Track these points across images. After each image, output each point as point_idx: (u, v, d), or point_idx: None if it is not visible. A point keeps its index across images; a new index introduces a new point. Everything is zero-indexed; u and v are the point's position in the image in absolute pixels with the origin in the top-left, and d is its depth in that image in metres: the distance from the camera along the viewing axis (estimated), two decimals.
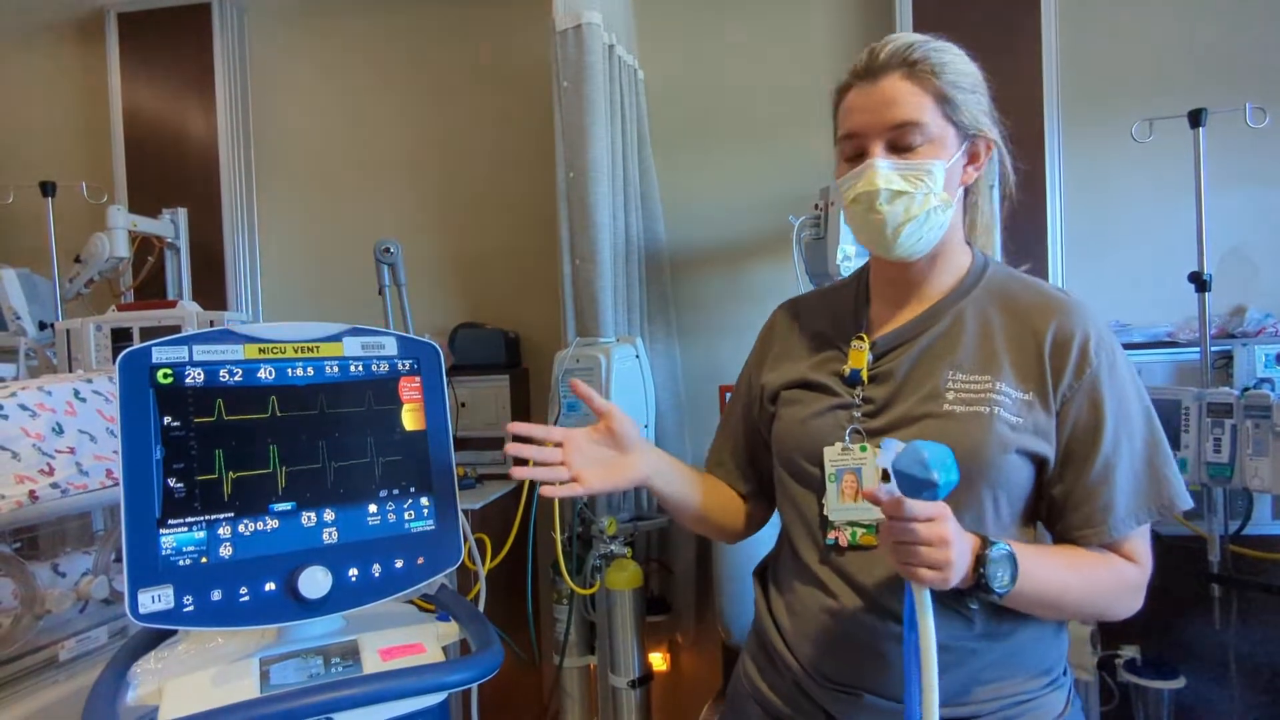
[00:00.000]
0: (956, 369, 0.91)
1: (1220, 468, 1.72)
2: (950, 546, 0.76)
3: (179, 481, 0.91)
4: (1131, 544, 0.90)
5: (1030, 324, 0.92)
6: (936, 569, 0.76)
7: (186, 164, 2.71)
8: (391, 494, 1.02)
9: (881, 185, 0.90)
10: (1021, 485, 0.90)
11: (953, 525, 0.78)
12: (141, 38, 2.74)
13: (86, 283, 2.48)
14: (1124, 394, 0.90)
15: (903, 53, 0.91)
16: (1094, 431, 0.88)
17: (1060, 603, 0.88)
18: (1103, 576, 0.89)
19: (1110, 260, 2.27)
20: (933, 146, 0.91)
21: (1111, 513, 0.88)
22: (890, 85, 0.90)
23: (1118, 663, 1.90)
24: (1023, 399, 0.89)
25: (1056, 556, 0.89)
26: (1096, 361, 0.89)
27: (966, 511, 0.88)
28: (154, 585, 0.88)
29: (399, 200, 2.74)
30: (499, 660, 0.96)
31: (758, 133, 2.44)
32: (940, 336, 0.94)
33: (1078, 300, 0.93)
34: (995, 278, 0.98)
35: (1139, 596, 0.91)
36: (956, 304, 0.96)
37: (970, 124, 0.93)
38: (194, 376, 0.94)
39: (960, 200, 0.97)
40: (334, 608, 0.97)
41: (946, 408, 0.89)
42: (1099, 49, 2.27)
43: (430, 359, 1.08)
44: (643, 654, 1.94)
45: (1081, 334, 0.89)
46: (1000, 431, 0.87)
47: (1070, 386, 0.89)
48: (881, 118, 0.91)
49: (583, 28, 1.94)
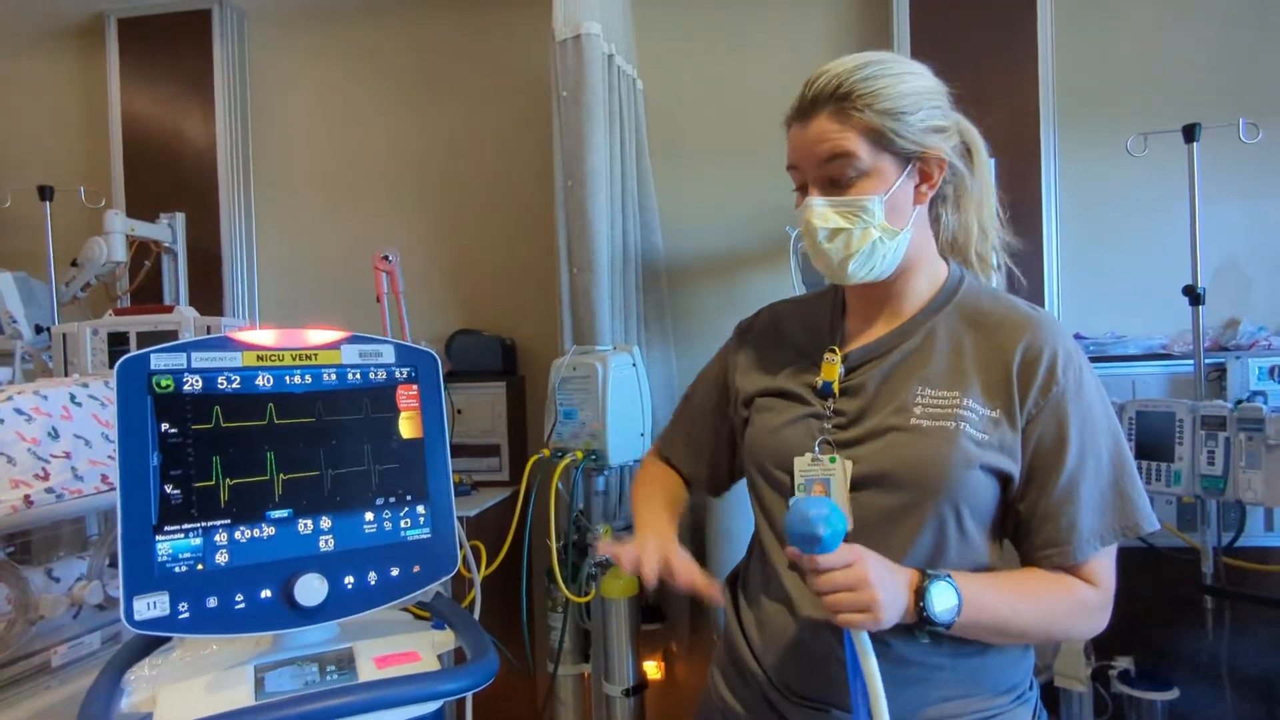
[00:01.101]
0: (925, 384, 0.92)
1: (1214, 480, 1.73)
2: (872, 587, 0.78)
3: (176, 488, 0.91)
4: (1093, 566, 0.89)
5: (1000, 341, 0.92)
6: (865, 610, 0.79)
7: (185, 169, 2.72)
8: (388, 502, 1.03)
9: (818, 224, 0.91)
10: (986, 502, 0.90)
11: (874, 567, 0.80)
12: (141, 43, 2.74)
13: (83, 287, 2.48)
14: (1090, 414, 0.90)
15: (830, 89, 0.90)
16: (1058, 450, 0.88)
17: (1011, 629, 0.87)
18: (1057, 601, 0.89)
19: (1105, 272, 2.28)
20: (868, 180, 0.90)
21: (1076, 532, 0.88)
22: (818, 126, 0.90)
23: (1111, 674, 1.91)
24: (989, 416, 0.89)
25: (1005, 583, 0.89)
26: (1064, 380, 0.89)
27: (929, 527, 0.88)
28: (150, 592, 0.88)
29: (397, 207, 2.74)
30: (494, 669, 0.96)
31: (755, 144, 2.46)
32: (911, 352, 0.95)
33: (1048, 318, 0.94)
34: (969, 294, 0.98)
35: (1100, 618, 0.91)
36: (929, 320, 0.96)
37: (912, 148, 0.91)
38: (192, 384, 0.94)
39: (921, 218, 0.96)
40: (330, 615, 0.97)
41: (913, 422, 0.90)
42: (1094, 63, 2.30)
43: (428, 367, 1.09)
44: (637, 662, 1.93)
45: (1050, 352, 0.90)
46: (965, 447, 0.87)
47: (1036, 404, 0.89)
48: (812, 155, 0.92)
49: (582, 38, 1.96)
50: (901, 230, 0.93)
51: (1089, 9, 2.30)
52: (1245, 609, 1.90)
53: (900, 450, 0.89)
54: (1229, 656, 1.91)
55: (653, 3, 2.50)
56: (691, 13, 2.54)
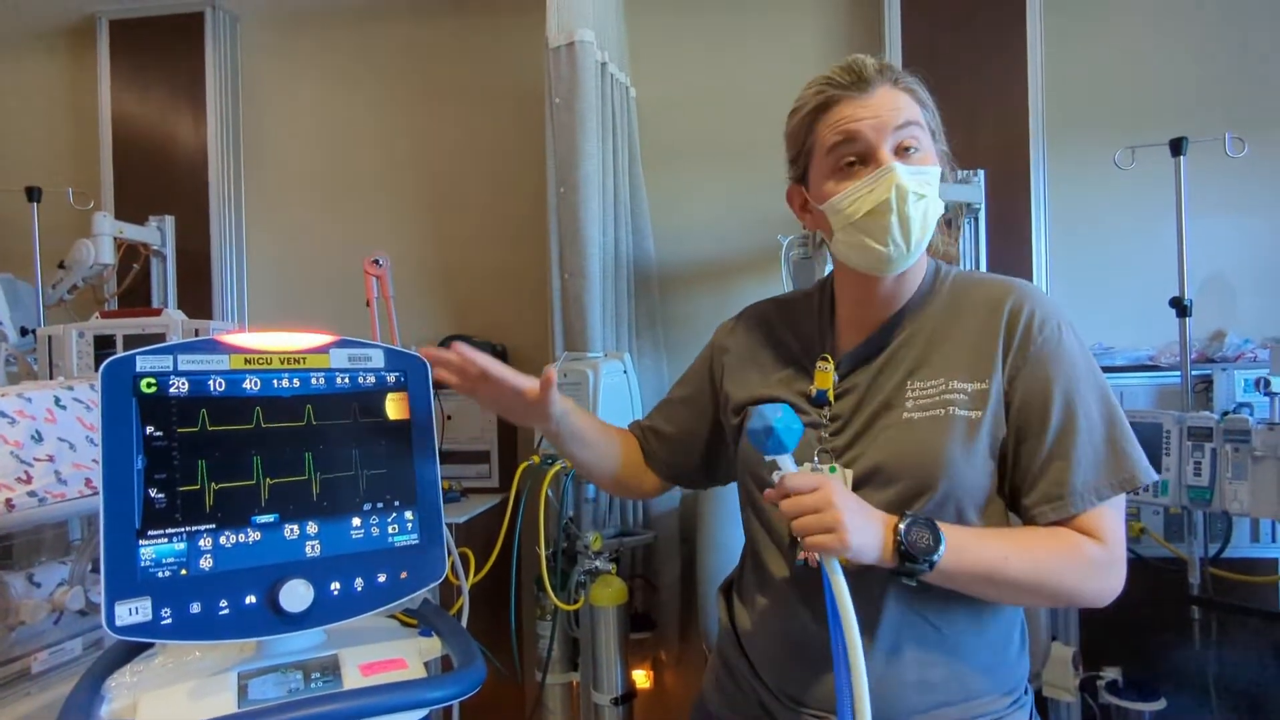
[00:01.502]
0: (914, 377, 0.92)
1: (1200, 491, 1.74)
2: (836, 508, 0.79)
3: (160, 492, 0.90)
4: (1095, 520, 0.86)
5: (984, 310, 0.93)
6: (830, 530, 0.78)
7: (175, 172, 2.70)
8: (376, 507, 1.02)
9: (912, 188, 0.87)
10: (984, 486, 0.89)
11: (840, 491, 0.81)
12: (133, 45, 2.73)
13: (70, 289, 2.46)
14: (1074, 370, 0.89)
15: (887, 67, 0.92)
16: (1044, 406, 0.88)
17: (1003, 576, 0.83)
18: (1052, 549, 0.86)
19: (1094, 284, 2.30)
20: (928, 155, 0.92)
21: (1068, 487, 0.86)
22: (885, 93, 0.90)
23: (1099, 684, 1.91)
24: (978, 389, 0.89)
25: (996, 533, 0.88)
26: (1041, 338, 0.89)
27: (932, 514, 0.88)
28: (132, 597, 0.86)
29: (388, 212, 2.74)
30: (481, 677, 0.95)
31: (747, 152, 2.46)
32: (899, 348, 0.95)
33: (1026, 283, 0.95)
34: (947, 279, 0.99)
35: (1110, 577, 0.87)
36: (915, 313, 0.97)
37: (940, 144, 0.95)
38: (178, 386, 0.93)
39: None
40: (315, 622, 0.96)
41: (905, 416, 0.90)
42: (1083, 77, 2.32)
43: (418, 372, 1.08)
44: (626, 671, 1.92)
45: (1028, 311, 0.90)
46: (958, 428, 0.87)
47: (1015, 365, 0.89)
48: (888, 120, 0.89)
49: (575, 45, 1.96)
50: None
51: (1078, 24, 2.32)
52: (1232, 620, 1.91)
53: (893, 444, 0.90)
54: (1216, 667, 1.92)
55: (646, 11, 2.51)
56: (684, 22, 2.55)
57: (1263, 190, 2.22)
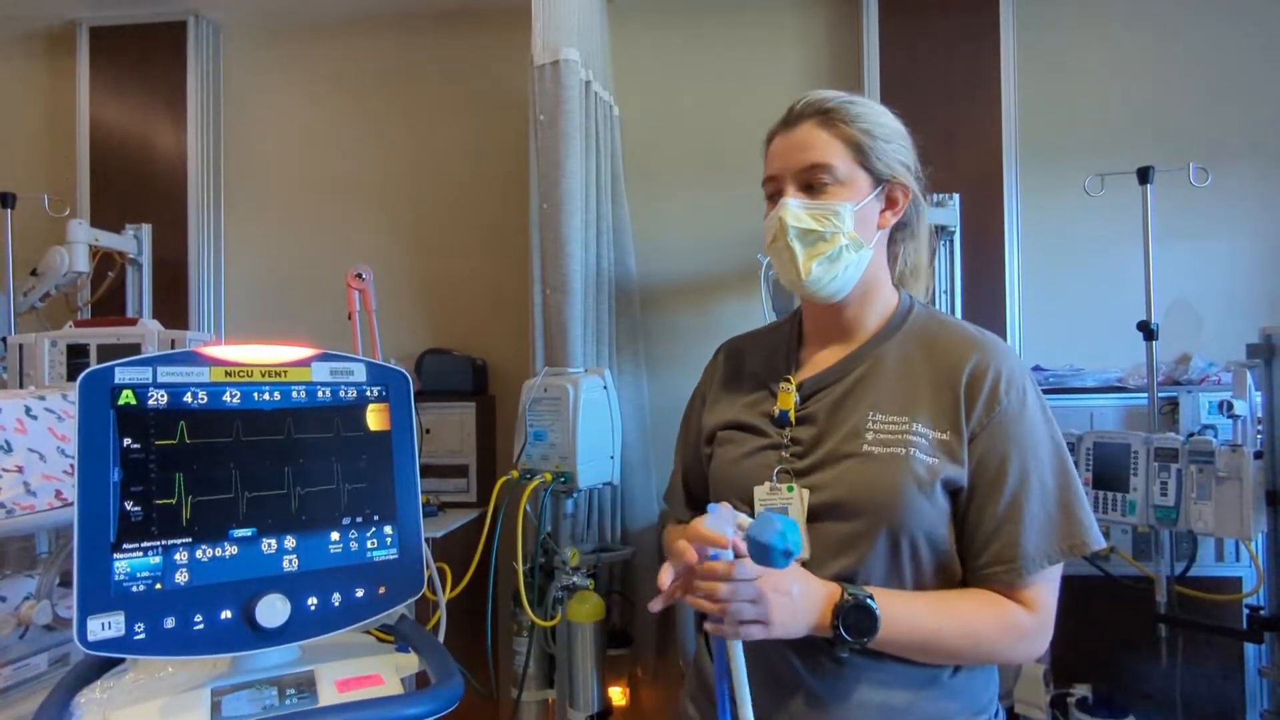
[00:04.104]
0: (876, 410, 0.94)
1: (1166, 510, 1.78)
2: (769, 604, 0.82)
3: (136, 505, 0.89)
4: (1034, 590, 0.90)
5: (948, 362, 0.95)
6: (758, 622, 0.82)
7: (153, 180, 2.68)
8: (355, 522, 1.01)
9: (790, 222, 0.96)
10: (939, 527, 0.91)
11: (778, 585, 0.83)
12: (113, 52, 2.71)
13: (42, 297, 2.42)
14: (1034, 433, 0.92)
15: (817, 104, 0.98)
16: (1000, 469, 0.90)
17: (934, 649, 0.89)
18: (985, 622, 0.90)
19: (1064, 306, 2.36)
20: (843, 189, 0.96)
21: (1020, 551, 0.88)
22: (804, 131, 0.97)
23: (1070, 701, 1.94)
24: (939, 438, 0.91)
25: (932, 603, 0.90)
26: (1006, 400, 0.91)
27: (883, 553, 0.90)
28: (105, 611, 0.85)
29: (369, 224, 2.73)
30: (459, 693, 0.95)
31: (728, 171, 2.50)
32: (863, 378, 0.97)
33: (995, 340, 0.97)
34: (918, 320, 1.01)
35: (1035, 643, 0.91)
36: (879, 346, 0.99)
37: (884, 170, 0.98)
38: (157, 398, 0.92)
39: (882, 244, 1.01)
40: (291, 637, 0.95)
41: (865, 448, 0.92)
42: (1055, 106, 2.39)
43: (399, 387, 1.08)
44: (602, 688, 1.92)
45: (994, 372, 0.92)
46: (916, 472, 0.89)
47: (980, 423, 0.91)
48: (793, 160, 0.97)
49: (560, 64, 1.98)
50: (866, 246, 0.97)
51: (1050, 55, 2.39)
52: (1198, 637, 1.94)
53: (852, 477, 0.91)
54: (1182, 683, 1.95)
55: (630, 31, 2.54)
56: (668, 42, 2.59)
57: (1226, 218, 2.30)
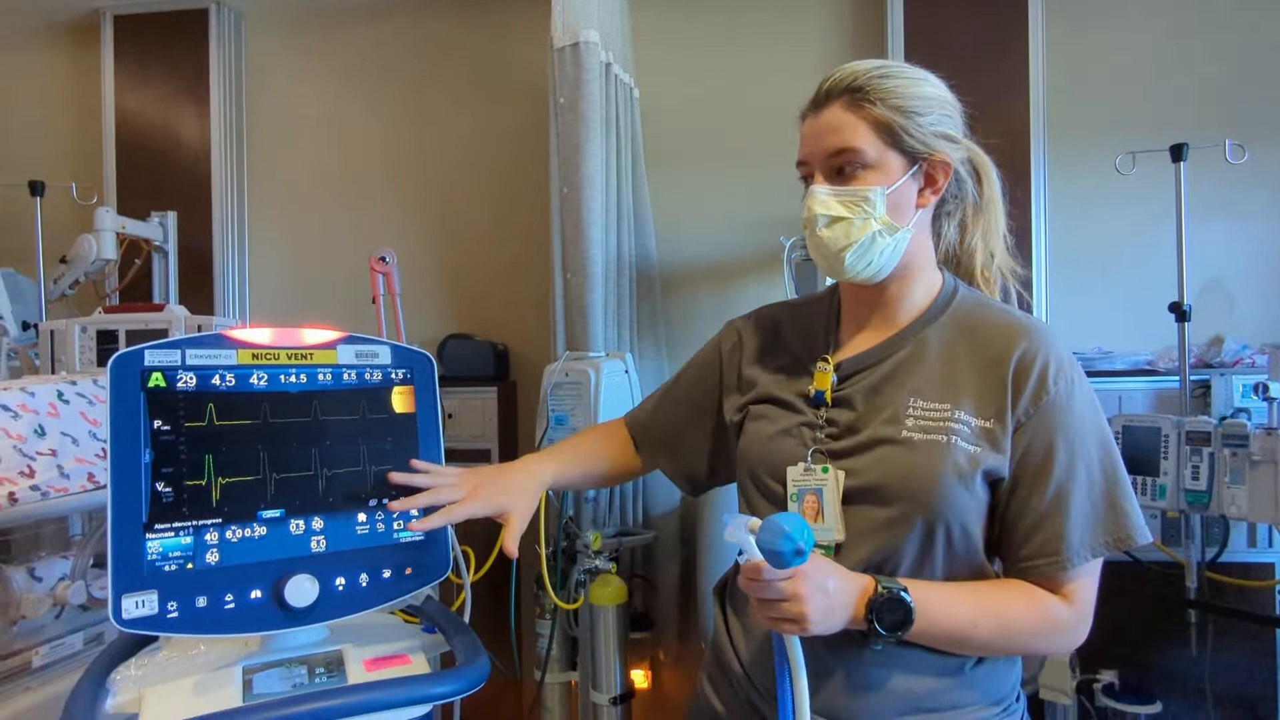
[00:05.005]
0: (917, 395, 0.92)
1: (1198, 495, 1.75)
2: (804, 601, 0.80)
3: (167, 486, 0.90)
4: (1075, 583, 0.89)
5: (994, 349, 0.92)
6: (794, 621, 0.81)
7: (178, 167, 2.70)
8: (381, 503, 1.02)
9: (819, 211, 0.93)
10: (977, 516, 0.90)
11: (810, 581, 0.81)
12: (137, 40, 2.73)
13: (72, 284, 2.46)
14: (1081, 424, 0.90)
15: (846, 82, 0.93)
16: (1046, 460, 0.88)
17: (969, 641, 0.88)
18: (1023, 617, 0.88)
19: (1094, 288, 2.31)
20: (874, 173, 0.92)
21: (1064, 543, 0.87)
22: (831, 115, 0.93)
23: (1096, 687, 1.92)
24: (982, 426, 0.89)
25: (966, 595, 0.89)
26: (1054, 389, 0.89)
27: (918, 540, 0.89)
28: (138, 590, 0.87)
29: (391, 210, 2.74)
30: (485, 673, 0.95)
31: (750, 153, 2.47)
32: (903, 362, 0.95)
33: (1042, 326, 0.94)
34: (963, 303, 0.98)
35: (1073, 636, 0.90)
36: (922, 330, 0.97)
37: (919, 148, 0.93)
38: (186, 381, 0.93)
39: (923, 224, 0.98)
40: (320, 617, 0.96)
41: (905, 434, 0.90)
42: (1085, 82, 2.33)
43: (424, 369, 1.09)
44: (625, 671, 1.93)
45: (1043, 361, 0.90)
46: (956, 461, 0.87)
47: (1026, 412, 0.89)
48: (821, 146, 0.94)
49: (580, 46, 1.97)
50: (901, 228, 0.93)
51: (1080, 28, 2.33)
52: (1228, 623, 1.92)
53: (891, 463, 0.90)
54: (1212, 670, 1.93)
55: (650, 12, 2.51)
56: (689, 23, 2.56)
57: (1262, 196, 2.23)
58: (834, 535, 0.91)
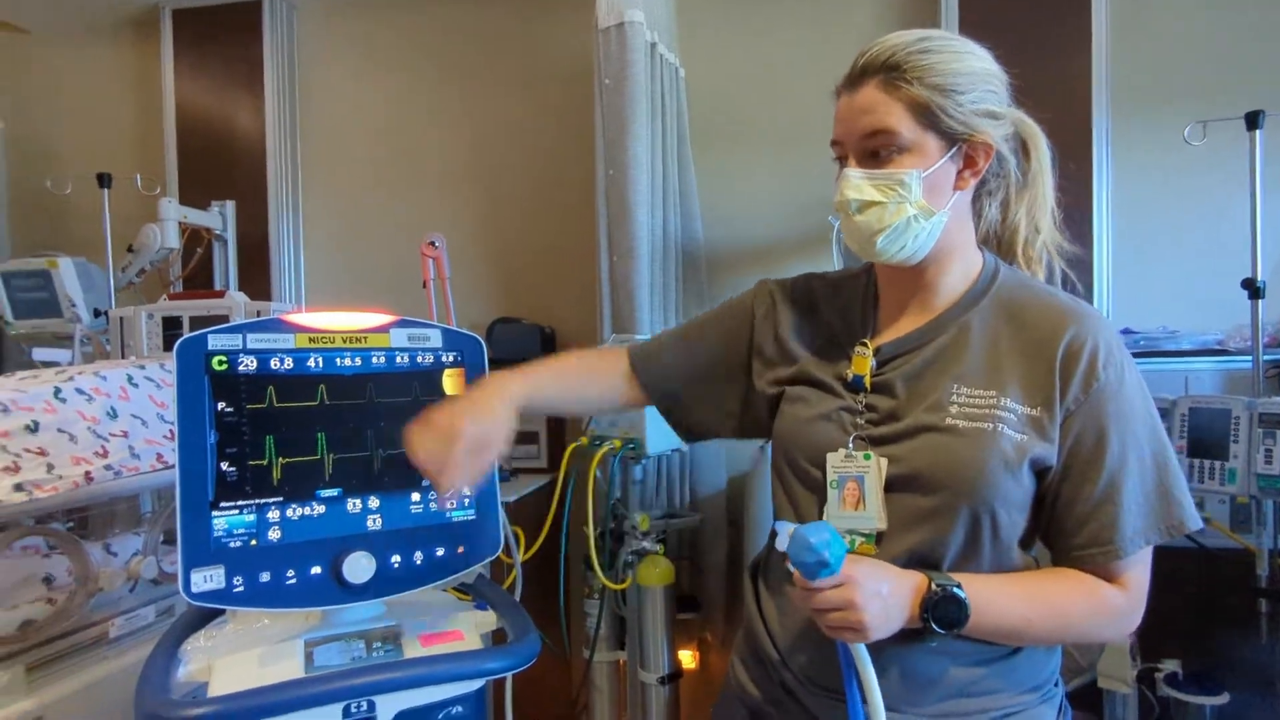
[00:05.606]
0: (961, 382, 0.90)
1: (1271, 480, 1.67)
2: (859, 609, 0.79)
3: (231, 465, 0.94)
4: (1129, 572, 0.87)
5: (1041, 334, 0.89)
6: (853, 629, 0.80)
7: (235, 158, 2.78)
8: None
9: (851, 196, 0.90)
10: (1023, 505, 0.88)
11: (864, 588, 0.80)
12: (194, 34, 2.81)
13: (138, 272, 2.55)
14: (1132, 410, 0.87)
15: (883, 58, 0.89)
16: (1099, 448, 0.86)
17: (1026, 633, 0.87)
18: (1078, 607, 0.87)
19: (1158, 265, 2.22)
20: (909, 156, 0.88)
21: (1118, 532, 0.85)
22: (866, 95, 0.89)
23: (1158, 676, 1.86)
24: (1029, 414, 0.87)
25: (1022, 589, 0.87)
26: (1105, 375, 0.86)
27: (963, 530, 0.87)
28: (206, 565, 0.90)
29: (440, 194, 2.77)
30: (536, 649, 0.97)
31: (798, 132, 2.43)
32: (946, 348, 0.93)
33: (1090, 310, 0.91)
34: (1005, 286, 0.95)
35: (1127, 623, 0.89)
36: (964, 314, 0.94)
37: (959, 129, 0.89)
38: (247, 364, 0.96)
39: (962, 205, 0.94)
40: (376, 593, 0.99)
41: (949, 421, 0.88)
42: (1151, 48, 2.22)
43: (474, 352, 1.10)
44: (672, 651, 1.94)
45: (1092, 346, 0.87)
46: (1004, 450, 0.85)
47: (1077, 399, 0.87)
48: (854, 127, 0.90)
49: (625, 26, 1.95)
50: (938, 212, 0.90)
51: None
52: None
53: (935, 453, 0.87)
54: None
55: None
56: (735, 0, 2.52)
57: None
58: (876, 523, 0.90)
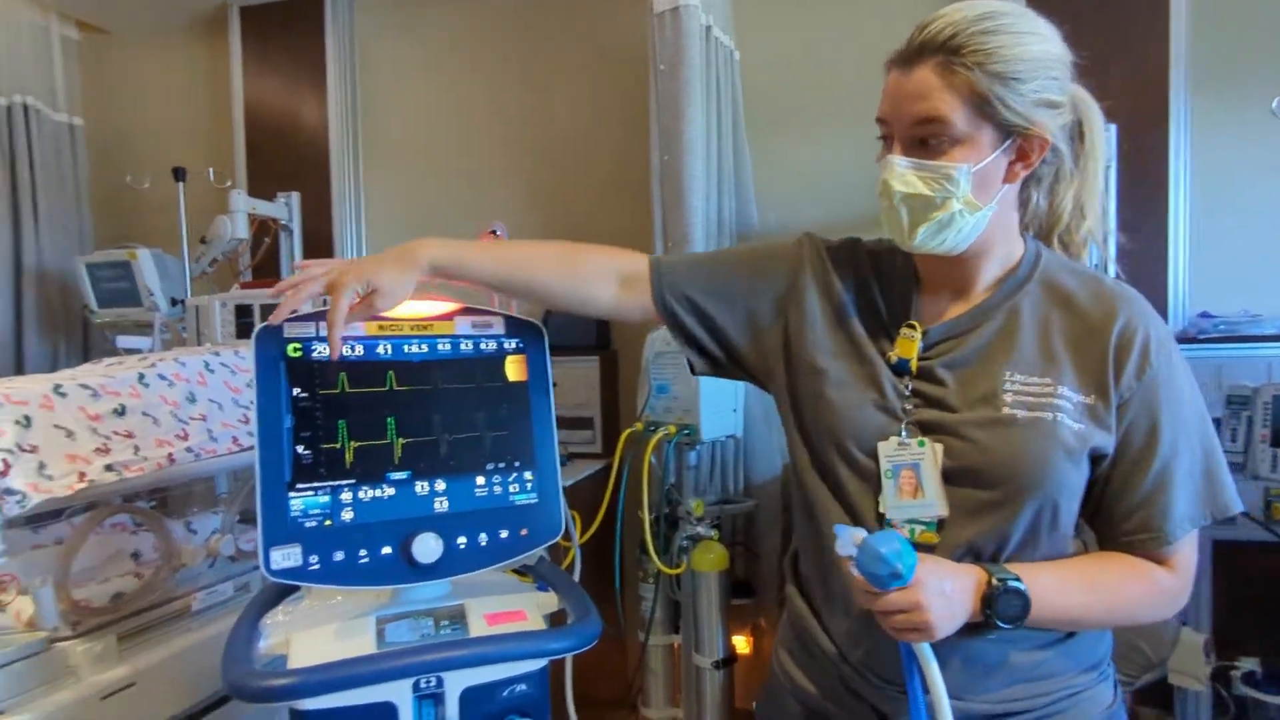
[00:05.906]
0: (1014, 369, 0.87)
1: None
2: (925, 610, 0.78)
3: (306, 449, 0.98)
4: (1179, 555, 0.88)
5: (1092, 321, 0.87)
6: (918, 630, 0.80)
7: (300, 150, 2.86)
8: (498, 467, 1.07)
9: (896, 186, 0.86)
10: (1079, 493, 0.87)
11: (929, 589, 0.79)
12: (261, 30, 2.90)
13: (211, 262, 2.65)
14: (1181, 397, 0.87)
15: (943, 37, 0.83)
16: (1151, 436, 0.85)
17: (1083, 620, 0.88)
18: (1133, 592, 0.88)
19: (1240, 246, 2.12)
20: (961, 148, 0.84)
21: (1169, 519, 0.85)
22: (921, 78, 0.84)
23: (1234, 674, 1.80)
24: (1085, 403, 0.85)
25: (1079, 577, 0.87)
26: (1156, 363, 0.85)
27: (1024, 521, 0.85)
28: (284, 544, 0.94)
29: (498, 182, 2.81)
30: (597, 630, 0.99)
31: (855, 114, 2.35)
32: (996, 334, 0.90)
33: (1135, 295, 0.89)
34: (1049, 270, 0.92)
35: (1177, 603, 0.90)
36: (1010, 299, 0.91)
37: (1017, 121, 0.84)
38: (320, 351, 1.00)
39: (1011, 198, 0.90)
40: (444, 573, 1.02)
41: (1006, 411, 0.85)
42: (1234, 14, 2.11)
43: (535, 339, 1.12)
44: (727, 636, 1.95)
45: (1144, 333, 0.86)
46: (1065, 439, 0.83)
47: (1129, 387, 0.85)
48: (904, 111, 0.85)
49: (680, 9, 1.94)
50: (984, 207, 0.86)
51: None
52: None
53: (996, 445, 0.85)
54: None
55: None
56: None
57: None
58: (937, 510, 0.87)
